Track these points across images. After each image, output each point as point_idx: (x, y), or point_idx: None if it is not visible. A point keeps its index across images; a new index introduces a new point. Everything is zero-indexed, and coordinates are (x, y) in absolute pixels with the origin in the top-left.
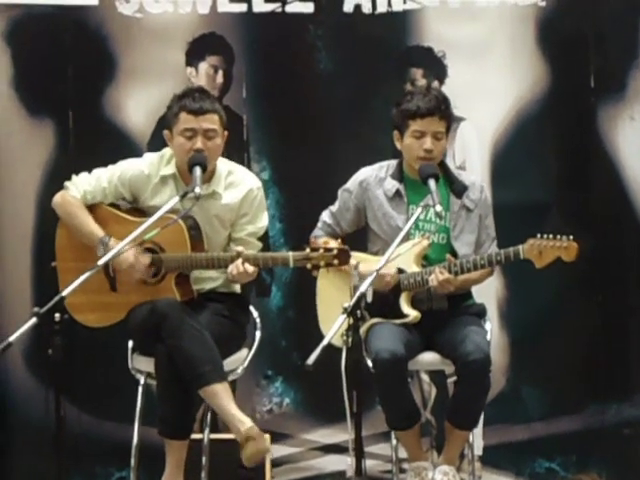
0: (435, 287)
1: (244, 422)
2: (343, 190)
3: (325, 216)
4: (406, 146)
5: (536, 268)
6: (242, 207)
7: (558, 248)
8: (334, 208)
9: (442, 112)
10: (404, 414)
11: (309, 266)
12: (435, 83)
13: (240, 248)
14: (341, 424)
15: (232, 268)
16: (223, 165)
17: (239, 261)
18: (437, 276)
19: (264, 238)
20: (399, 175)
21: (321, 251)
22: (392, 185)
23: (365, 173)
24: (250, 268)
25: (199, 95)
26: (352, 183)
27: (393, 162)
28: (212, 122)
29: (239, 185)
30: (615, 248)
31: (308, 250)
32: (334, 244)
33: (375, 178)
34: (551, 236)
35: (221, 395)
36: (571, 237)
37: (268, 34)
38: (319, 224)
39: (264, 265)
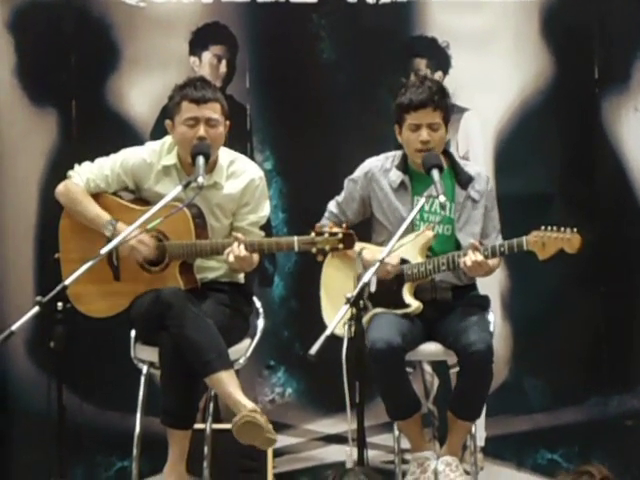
0: (469, 268)
1: (248, 407)
2: (349, 180)
3: (331, 206)
4: (405, 139)
5: (539, 260)
6: (244, 197)
7: (561, 240)
8: (340, 198)
9: (436, 103)
10: (402, 404)
11: (314, 250)
12: (439, 73)
13: (239, 235)
14: (343, 414)
15: (228, 252)
16: (225, 155)
17: (235, 245)
18: (471, 256)
19: (267, 227)
20: (404, 166)
21: (326, 235)
22: (397, 176)
23: (370, 164)
24: (244, 251)
25: (201, 84)
26: (358, 173)
27: (398, 153)
28: (214, 111)
29: (241, 175)
30: (618, 239)
31: (313, 234)
32: (338, 229)
33: (380, 169)
34: (555, 228)
35: (227, 382)
36: (575, 229)
37: (272, 24)
38: (326, 214)
39: (269, 250)
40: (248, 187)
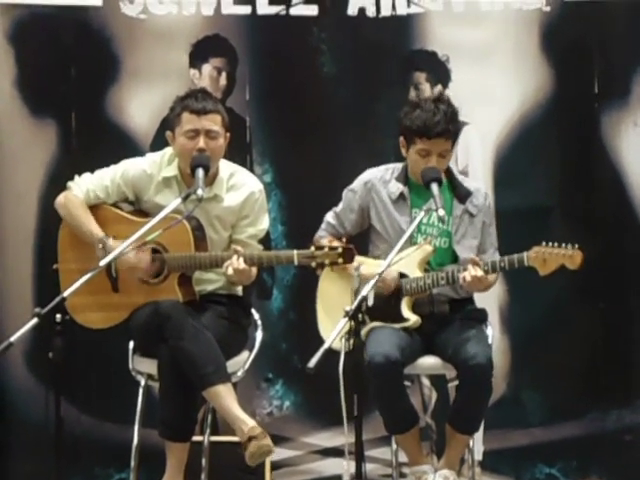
0: (468, 284)
1: (247, 423)
2: (348, 190)
3: (329, 217)
4: (411, 160)
5: (540, 275)
6: (243, 209)
7: (563, 256)
8: (338, 209)
9: (450, 132)
10: (400, 418)
11: (313, 264)
12: (438, 87)
13: (239, 248)
14: (341, 427)
15: (227, 265)
16: (225, 167)
17: (234, 258)
18: (470, 272)
19: (266, 241)
20: (404, 178)
21: (326, 249)
22: (397, 188)
23: (370, 174)
24: (242, 264)
25: (202, 96)
26: (357, 184)
27: (399, 165)
28: (214, 122)
29: (241, 188)
30: (617, 254)
31: (313, 248)
32: (338, 243)
33: (380, 179)
34: (556, 244)
35: (224, 396)
36: (576, 245)
37: (272, 36)
38: (323, 225)
39: (268, 264)
40: (248, 200)
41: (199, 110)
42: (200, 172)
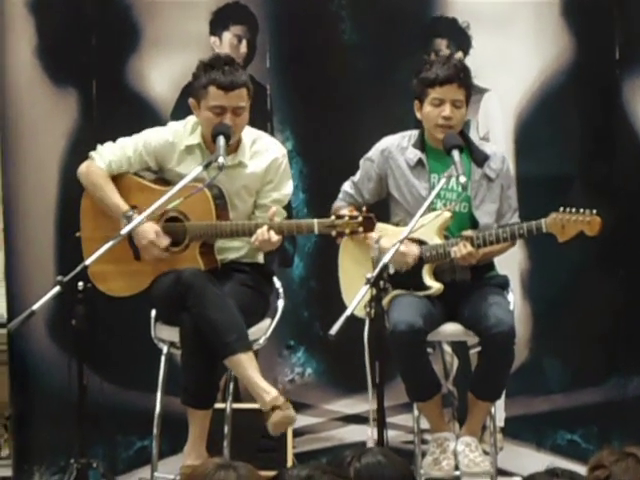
0: (457, 259)
1: (269, 392)
2: (365, 159)
3: (347, 186)
4: (425, 114)
5: (558, 242)
6: (267, 175)
7: (581, 222)
8: (355, 178)
9: (461, 80)
10: (423, 385)
11: (334, 233)
12: (459, 54)
13: (272, 210)
14: (363, 394)
15: (257, 235)
16: (248, 134)
17: (264, 228)
18: (460, 249)
19: (287, 208)
20: (421, 144)
21: (346, 218)
22: (414, 154)
23: (387, 142)
24: (274, 237)
25: (229, 69)
26: (374, 152)
27: (415, 132)
28: (241, 98)
29: (264, 153)
30: (638, 221)
31: (333, 217)
32: (358, 212)
33: (397, 147)
34: (574, 210)
35: (246, 365)
36: (595, 211)
37: (292, 3)
38: (340, 195)
39: (289, 232)
40: (271, 165)
41: (227, 86)
42: (221, 140)
